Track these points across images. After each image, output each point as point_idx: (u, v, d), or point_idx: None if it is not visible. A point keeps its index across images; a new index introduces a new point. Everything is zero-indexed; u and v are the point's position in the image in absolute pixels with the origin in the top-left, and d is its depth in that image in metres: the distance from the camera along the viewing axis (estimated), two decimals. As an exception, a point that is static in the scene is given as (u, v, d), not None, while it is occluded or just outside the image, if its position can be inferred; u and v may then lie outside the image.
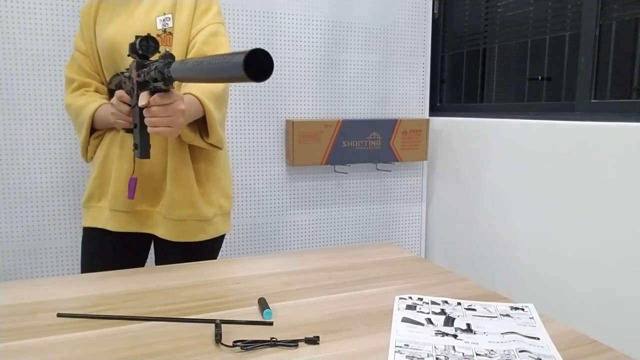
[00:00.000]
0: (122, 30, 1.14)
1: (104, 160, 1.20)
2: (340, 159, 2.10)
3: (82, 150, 1.23)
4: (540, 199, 1.74)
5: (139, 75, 0.94)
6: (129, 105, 1.02)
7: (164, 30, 1.14)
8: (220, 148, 1.18)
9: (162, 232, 1.17)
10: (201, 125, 1.13)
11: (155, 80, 0.88)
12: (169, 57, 0.85)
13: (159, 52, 0.96)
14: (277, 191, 2.08)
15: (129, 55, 0.97)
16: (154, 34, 1.10)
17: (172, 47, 1.14)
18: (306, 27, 2.03)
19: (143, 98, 0.91)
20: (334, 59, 2.10)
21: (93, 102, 1.17)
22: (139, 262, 1.27)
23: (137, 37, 0.94)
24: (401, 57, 2.22)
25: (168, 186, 1.15)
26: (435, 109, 2.41)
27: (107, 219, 1.18)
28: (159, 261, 1.25)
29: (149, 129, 0.94)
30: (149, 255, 1.39)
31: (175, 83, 1.12)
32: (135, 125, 1.00)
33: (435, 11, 2.31)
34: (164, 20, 1.14)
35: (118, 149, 1.17)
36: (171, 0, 1.15)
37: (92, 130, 1.20)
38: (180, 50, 1.14)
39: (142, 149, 1.00)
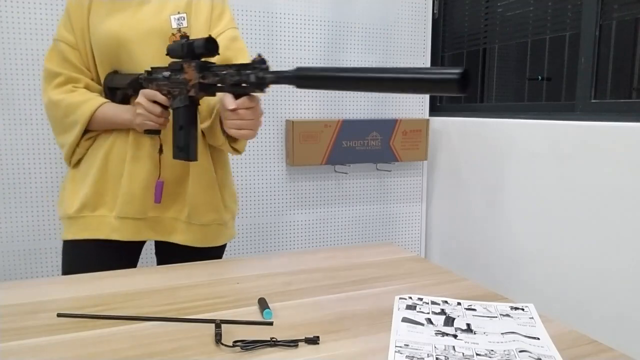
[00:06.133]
0: (129, 26, 1.07)
1: (104, 165, 1.11)
2: (340, 159, 2.10)
3: (68, 153, 1.13)
4: (540, 199, 1.74)
5: (203, 77, 0.94)
6: (163, 106, 1.01)
7: (179, 30, 1.10)
8: (240, 152, 1.17)
9: (183, 239, 1.13)
10: None
11: (236, 84, 0.89)
12: (264, 63, 0.87)
13: (218, 54, 0.96)
14: (277, 191, 2.08)
15: (169, 55, 0.96)
16: (167, 32, 1.07)
17: None
18: (306, 27, 2.03)
19: (231, 101, 0.91)
20: (334, 59, 2.10)
21: (92, 100, 1.09)
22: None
23: (194, 39, 0.94)
24: (401, 57, 2.22)
25: (192, 191, 1.13)
26: (435, 109, 2.40)
27: (113, 228, 1.10)
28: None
29: (233, 132, 0.94)
30: (150, 258, 1.39)
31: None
32: (181, 127, 0.99)
33: (435, 11, 2.31)
34: (178, 19, 1.10)
35: (131, 151, 1.09)
36: (184, 0, 1.12)
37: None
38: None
39: (193, 150, 1.01)
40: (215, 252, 1.21)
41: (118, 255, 1.13)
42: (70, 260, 1.12)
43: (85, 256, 1.11)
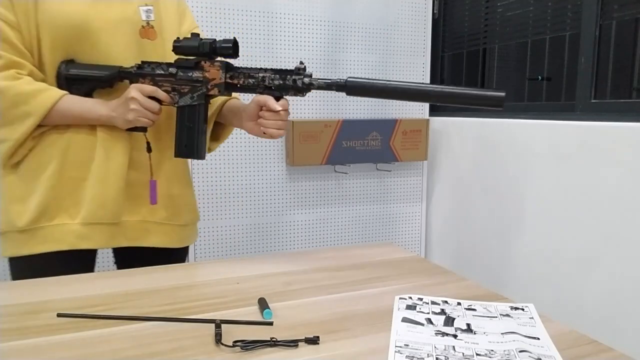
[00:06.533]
0: (95, 12, 0.98)
1: (61, 166, 0.99)
2: (340, 159, 2.10)
3: (8, 152, 0.96)
4: (540, 199, 1.74)
5: (231, 77, 0.97)
6: (159, 102, 0.99)
7: (147, 22, 1.05)
8: (211, 151, 1.21)
9: (160, 241, 1.09)
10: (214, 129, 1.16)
11: (269, 87, 0.95)
12: (305, 69, 0.96)
13: (238, 57, 0.99)
14: (277, 191, 2.08)
15: (178, 51, 0.96)
16: (137, 24, 1.03)
17: (155, 41, 1.05)
18: (306, 27, 2.03)
19: (274, 103, 0.96)
20: (334, 59, 2.10)
21: (49, 90, 0.96)
22: None
23: (215, 39, 0.95)
24: (401, 57, 2.22)
25: (173, 191, 1.11)
26: (436, 109, 2.41)
27: (79, 236, 1.00)
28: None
29: (272, 131, 0.98)
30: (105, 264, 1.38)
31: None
32: (192, 126, 1.00)
33: (435, 11, 2.31)
34: (147, 11, 1.04)
35: (101, 150, 1.00)
36: None
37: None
38: (170, 48, 1.00)
39: (203, 149, 1.03)
40: (182, 254, 1.19)
41: (79, 265, 1.03)
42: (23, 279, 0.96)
43: (43, 272, 0.96)
